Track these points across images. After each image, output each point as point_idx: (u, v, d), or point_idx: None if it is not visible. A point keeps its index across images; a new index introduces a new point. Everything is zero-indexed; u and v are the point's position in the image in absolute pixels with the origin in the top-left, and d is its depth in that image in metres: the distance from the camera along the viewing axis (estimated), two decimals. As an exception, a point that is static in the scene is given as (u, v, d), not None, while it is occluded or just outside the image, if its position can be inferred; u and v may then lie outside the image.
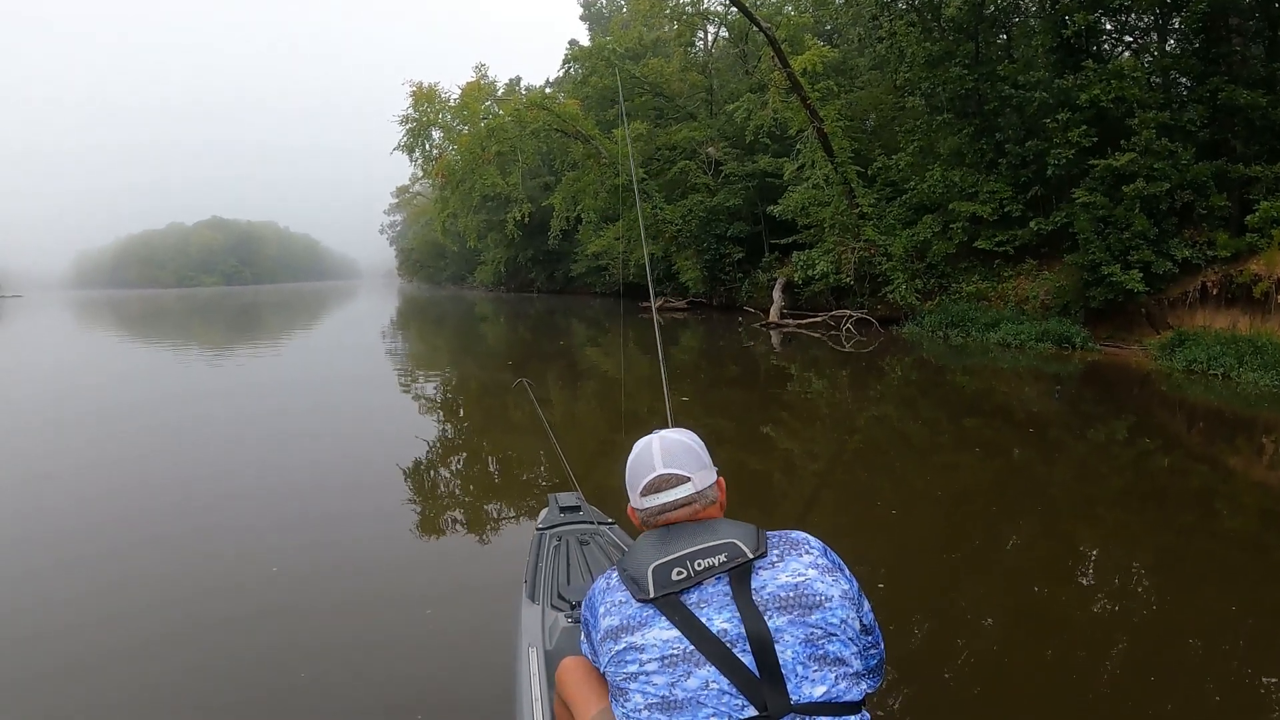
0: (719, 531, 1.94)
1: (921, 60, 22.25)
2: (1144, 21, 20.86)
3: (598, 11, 59.82)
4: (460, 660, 4.39)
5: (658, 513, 2.02)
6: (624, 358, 4.63)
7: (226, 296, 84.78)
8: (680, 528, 1.98)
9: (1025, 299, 19.93)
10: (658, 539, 1.97)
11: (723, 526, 1.97)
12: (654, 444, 2.08)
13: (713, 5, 34.01)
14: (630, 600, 1.90)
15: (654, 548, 1.95)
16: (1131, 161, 16.61)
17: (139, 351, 24.28)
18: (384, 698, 3.93)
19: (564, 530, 3.94)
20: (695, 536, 1.94)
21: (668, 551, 1.92)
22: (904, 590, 5.16)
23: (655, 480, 2.02)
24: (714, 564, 1.88)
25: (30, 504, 7.51)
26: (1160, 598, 5.19)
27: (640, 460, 2.08)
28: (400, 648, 4.45)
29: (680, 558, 1.89)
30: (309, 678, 4.18)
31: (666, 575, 1.88)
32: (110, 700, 4.03)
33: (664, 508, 2.01)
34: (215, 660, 4.37)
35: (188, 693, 4.06)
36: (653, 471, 2.03)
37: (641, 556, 1.94)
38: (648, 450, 2.08)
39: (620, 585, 1.95)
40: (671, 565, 1.89)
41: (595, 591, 2.03)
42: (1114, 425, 10.83)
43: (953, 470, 8.63)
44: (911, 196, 23.34)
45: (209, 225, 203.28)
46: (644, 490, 2.03)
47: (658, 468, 2.03)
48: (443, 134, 32.52)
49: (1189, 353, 14.42)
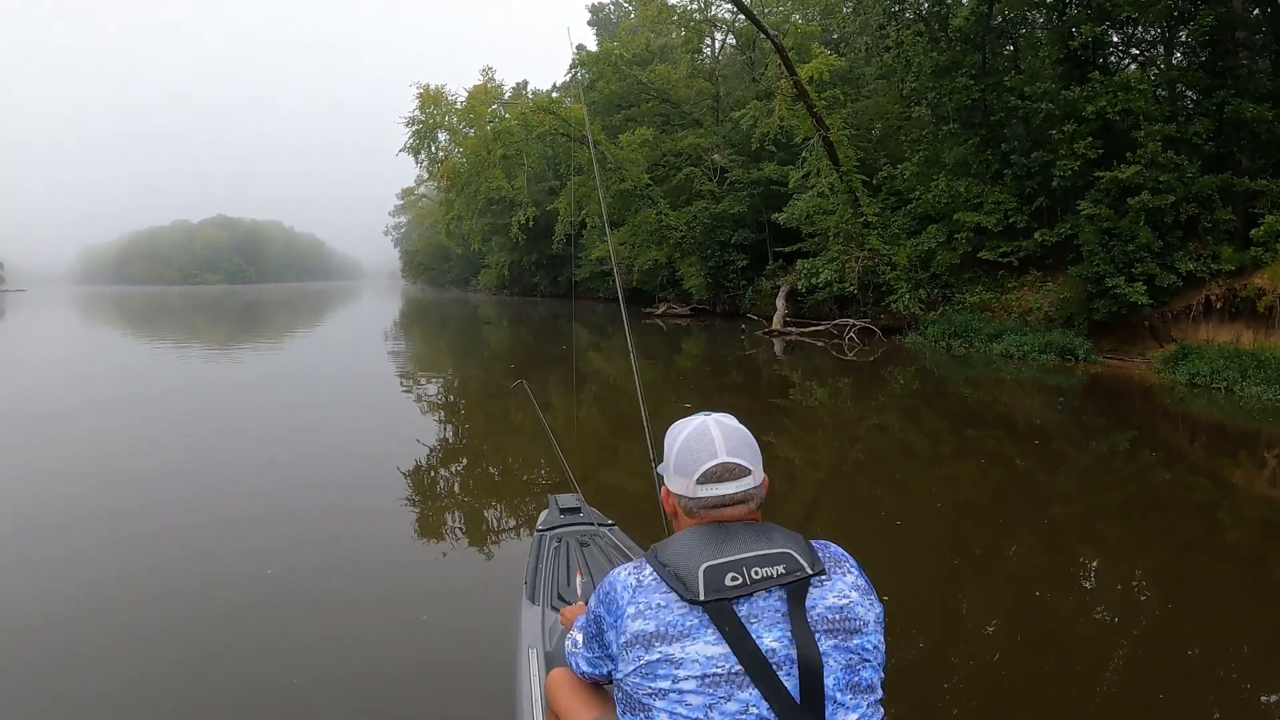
0: (774, 539, 1.76)
1: (928, 70, 22.28)
2: (1151, 34, 20.88)
3: (605, 17, 59.93)
4: (460, 661, 4.38)
5: (712, 505, 1.80)
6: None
7: (230, 294, 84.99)
8: (732, 528, 1.77)
9: (1029, 310, 19.91)
10: (707, 536, 1.75)
11: (776, 534, 1.78)
12: (711, 427, 1.86)
13: (720, 12, 34.05)
14: (671, 604, 1.68)
15: (704, 545, 1.73)
16: (1137, 174, 16.59)
17: (141, 347, 24.26)
18: (384, 698, 3.92)
19: (564, 532, 3.94)
20: (752, 541, 1.74)
21: (722, 552, 1.70)
22: (904, 600, 5.14)
23: (717, 469, 1.80)
24: (772, 575, 1.69)
25: (26, 497, 7.51)
26: (1161, 611, 5.17)
27: (698, 442, 1.84)
28: (400, 648, 4.44)
29: (735, 562, 1.69)
30: (308, 677, 4.17)
31: (719, 579, 1.67)
32: (105, 690, 4.02)
33: (721, 500, 1.80)
34: (211, 658, 4.36)
35: (182, 689, 4.05)
36: (714, 458, 1.81)
37: (689, 553, 1.72)
38: (705, 433, 1.85)
39: (657, 584, 1.72)
40: (725, 569, 1.68)
41: (617, 586, 1.78)
42: (1116, 438, 10.82)
43: (954, 481, 8.61)
44: (916, 206, 23.36)
45: (214, 223, 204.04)
46: (702, 477, 1.80)
47: (720, 455, 1.81)
48: (449, 136, 32.63)
49: (1192, 366, 14.41)
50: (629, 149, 32.47)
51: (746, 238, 31.64)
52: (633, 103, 37.48)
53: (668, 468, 1.88)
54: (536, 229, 39.06)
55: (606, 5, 60.60)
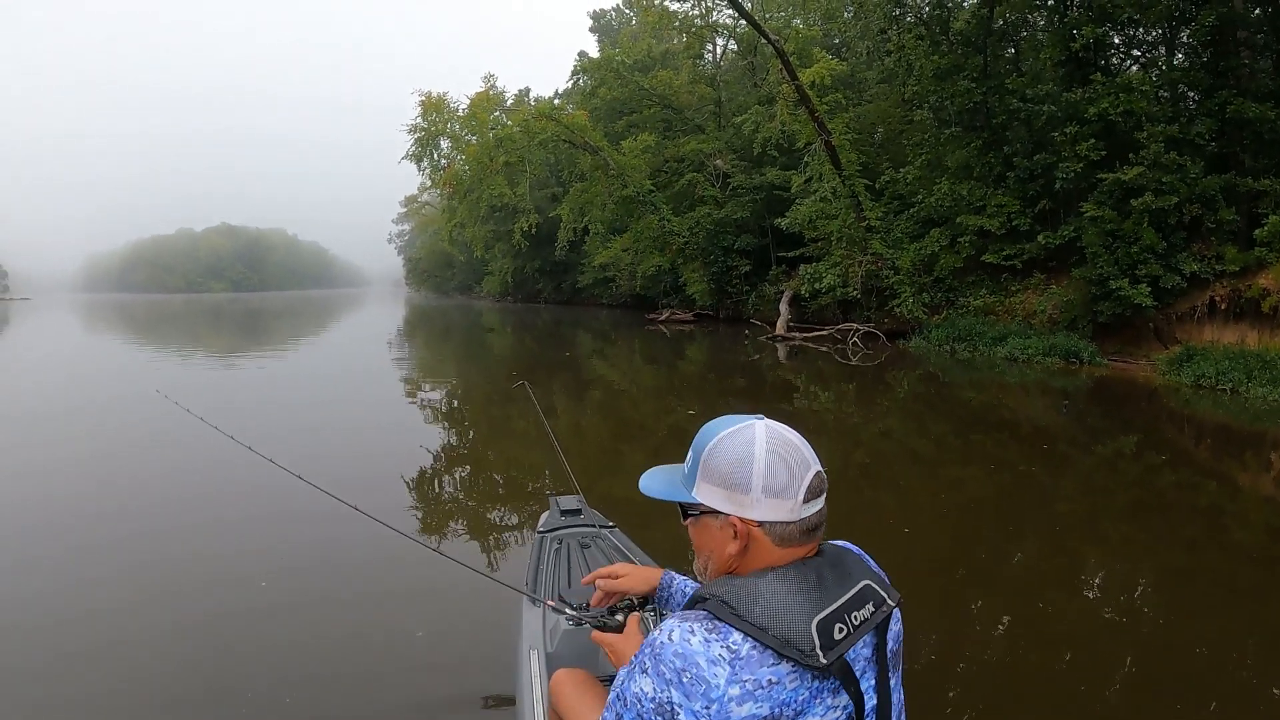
0: (849, 569, 1.51)
1: (930, 73, 22.29)
2: (1152, 35, 20.89)
3: (607, 24, 60.13)
4: (461, 662, 4.36)
5: (809, 529, 1.51)
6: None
7: (234, 302, 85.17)
8: (817, 564, 1.49)
9: (1033, 313, 19.88)
10: (799, 582, 1.43)
11: (845, 559, 1.54)
12: (785, 432, 1.53)
13: (721, 18, 34.08)
14: (784, 678, 1.36)
15: (801, 594, 1.41)
16: (1140, 175, 16.59)
17: (144, 353, 24.26)
18: (384, 698, 3.91)
19: (565, 533, 3.92)
20: (838, 579, 1.47)
21: (825, 600, 1.42)
22: (911, 602, 5.10)
23: (815, 481, 1.50)
24: (867, 617, 1.45)
25: (28, 496, 7.49)
26: (1167, 613, 5.14)
27: (790, 452, 1.50)
28: (400, 649, 4.43)
29: (838, 610, 1.42)
30: (307, 677, 4.17)
31: (830, 634, 1.38)
32: (106, 689, 4.00)
33: (821, 518, 1.52)
34: (211, 656, 4.36)
35: (177, 689, 4.04)
36: (808, 469, 1.50)
37: (789, 606, 1.39)
38: (787, 443, 1.51)
39: (762, 654, 1.36)
40: (832, 621, 1.40)
41: (700, 660, 1.36)
42: (1121, 441, 10.78)
43: (960, 485, 8.58)
44: (919, 210, 23.37)
45: (218, 231, 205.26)
46: (809, 494, 1.49)
47: (813, 464, 1.51)
48: (451, 144, 32.69)
49: (1197, 367, 14.38)
50: (631, 155, 32.52)
51: (749, 243, 31.67)
52: (635, 109, 37.55)
53: (742, 493, 1.49)
54: (539, 236, 39.19)
55: (608, 12, 60.81)
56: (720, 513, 1.51)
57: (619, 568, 2.20)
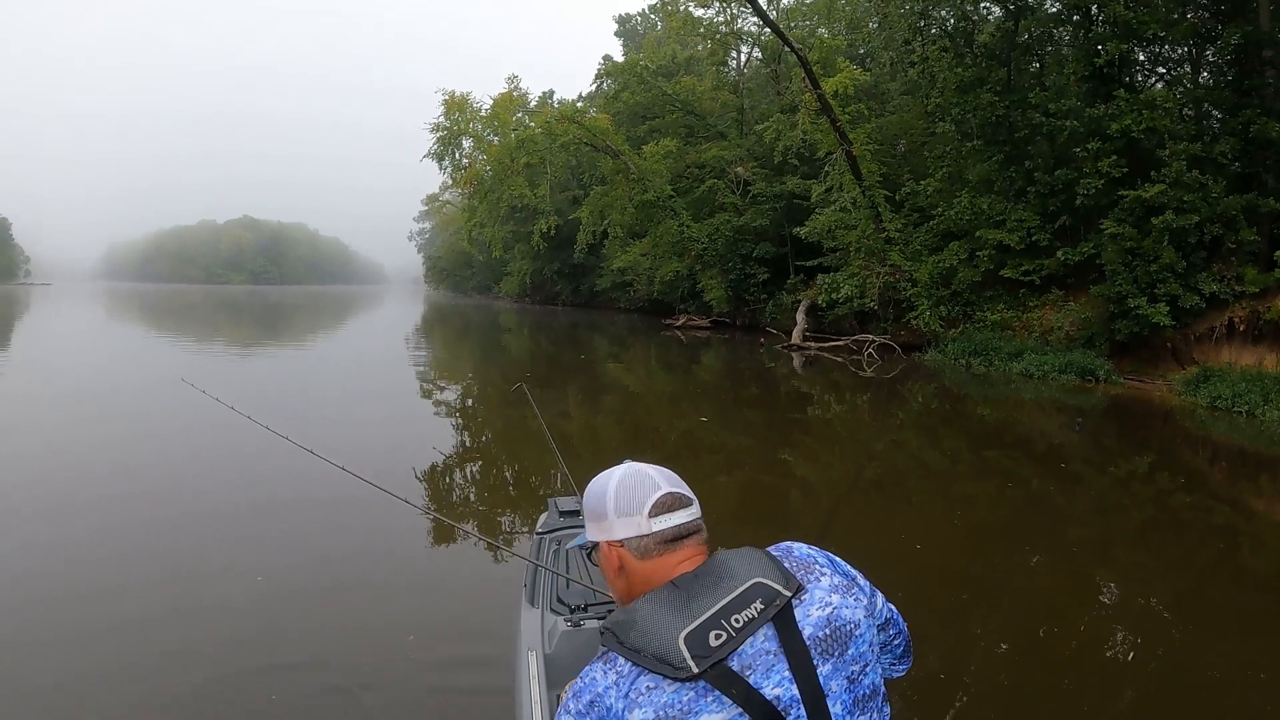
0: (733, 570, 1.53)
1: (953, 85, 22.24)
2: (1177, 53, 20.78)
3: (632, 28, 60.22)
4: (460, 663, 4.38)
5: (670, 539, 1.59)
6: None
7: (253, 295, 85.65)
8: (689, 580, 1.53)
9: (1050, 330, 19.78)
10: (666, 602, 1.50)
11: (732, 561, 1.55)
12: (642, 466, 1.68)
13: (746, 25, 34.14)
14: (662, 684, 1.43)
15: (669, 612, 1.48)
16: (1161, 193, 16.49)
17: (162, 343, 24.44)
18: (383, 699, 3.95)
19: (563, 534, 3.93)
20: (714, 586, 1.51)
21: (691, 613, 1.46)
22: (918, 619, 5.10)
23: (666, 498, 1.61)
24: (753, 615, 1.47)
25: (36, 481, 7.57)
26: (1177, 637, 5.13)
27: (634, 480, 1.65)
28: (399, 649, 4.46)
29: (712, 618, 1.45)
30: (306, 676, 4.21)
31: (703, 643, 1.43)
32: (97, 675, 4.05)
33: (678, 532, 1.59)
34: (210, 651, 4.40)
35: (177, 681, 4.08)
36: (658, 490, 1.62)
37: (657, 627, 1.46)
38: (639, 471, 1.67)
39: (636, 672, 1.46)
40: (705, 630, 1.44)
41: (599, 689, 1.49)
42: (1135, 461, 10.74)
43: (971, 501, 8.57)
44: (939, 222, 23.28)
45: (240, 224, 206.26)
46: (654, 509, 1.60)
47: (664, 486, 1.62)
48: (473, 143, 32.77)
49: (1213, 389, 14.29)
50: (652, 160, 32.52)
51: (768, 251, 31.60)
52: (657, 114, 37.58)
53: (602, 520, 1.66)
54: (558, 238, 39.26)
55: (634, 17, 60.92)
56: (598, 543, 1.68)
57: None
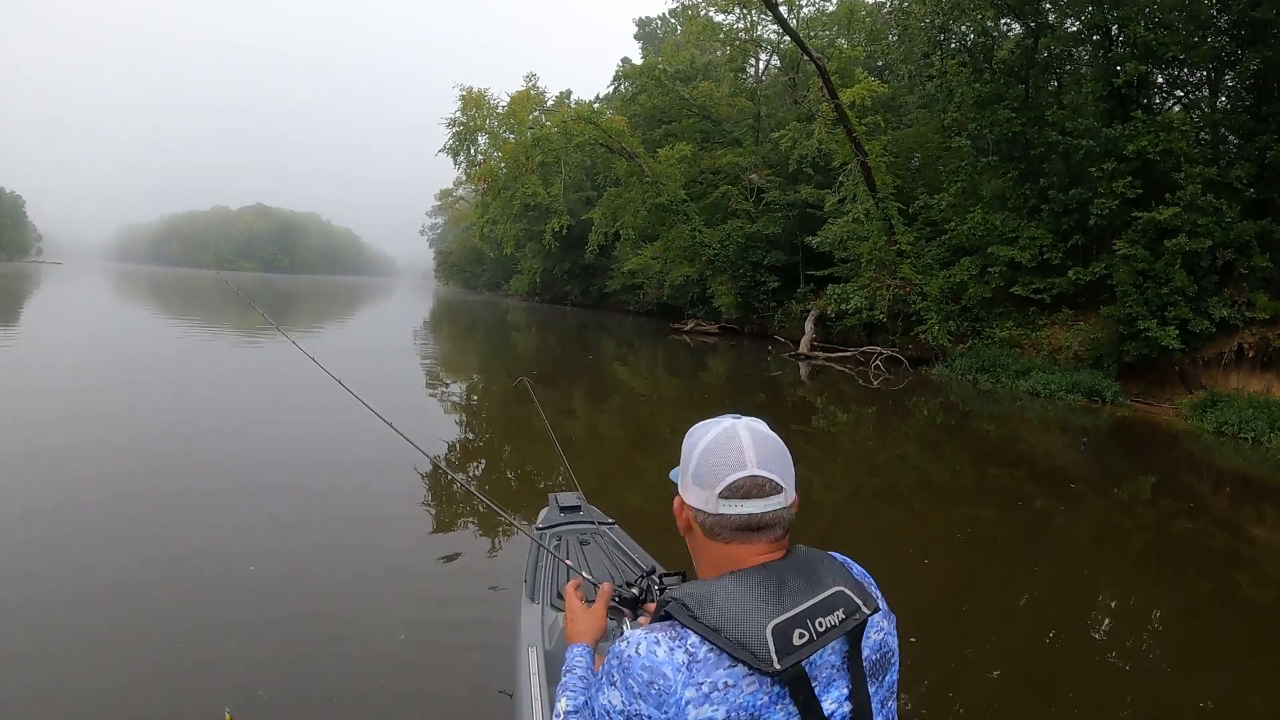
0: (820, 575, 1.45)
1: (970, 101, 22.20)
2: (1196, 76, 20.71)
3: (652, 32, 60.26)
4: (460, 660, 4.39)
5: (736, 527, 1.47)
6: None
7: (263, 283, 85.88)
8: (780, 568, 1.44)
9: (1058, 349, 19.74)
10: (758, 584, 1.40)
11: (819, 566, 1.48)
12: (742, 433, 1.52)
13: (766, 33, 34.15)
14: (740, 680, 1.34)
15: (758, 597, 1.39)
16: (1175, 216, 16.47)
17: (171, 328, 24.47)
18: (383, 696, 3.95)
19: (564, 530, 3.93)
20: (805, 584, 1.43)
21: (782, 605, 1.38)
22: (920, 637, 5.10)
23: (744, 482, 1.47)
24: (834, 624, 1.39)
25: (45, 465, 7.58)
26: (1174, 664, 5.11)
27: (724, 449, 1.50)
28: (399, 647, 4.46)
29: (799, 615, 1.37)
30: (306, 675, 4.19)
31: (788, 639, 1.34)
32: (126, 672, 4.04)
33: (746, 522, 1.47)
34: (209, 648, 4.38)
35: (178, 679, 4.06)
36: (741, 470, 1.47)
37: (744, 609, 1.37)
38: (734, 439, 1.51)
39: (718, 657, 1.35)
40: (792, 625, 1.36)
41: (662, 668, 1.36)
42: (1139, 483, 10.72)
43: (973, 519, 8.54)
44: (951, 237, 23.26)
45: (253, 211, 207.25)
46: (726, 491, 1.47)
47: (749, 466, 1.47)
48: (489, 140, 32.82)
49: (1220, 414, 14.25)
50: (667, 164, 32.57)
51: (779, 259, 31.62)
52: (674, 118, 37.59)
53: (684, 474, 1.55)
54: (570, 238, 39.30)
55: (654, 20, 60.94)
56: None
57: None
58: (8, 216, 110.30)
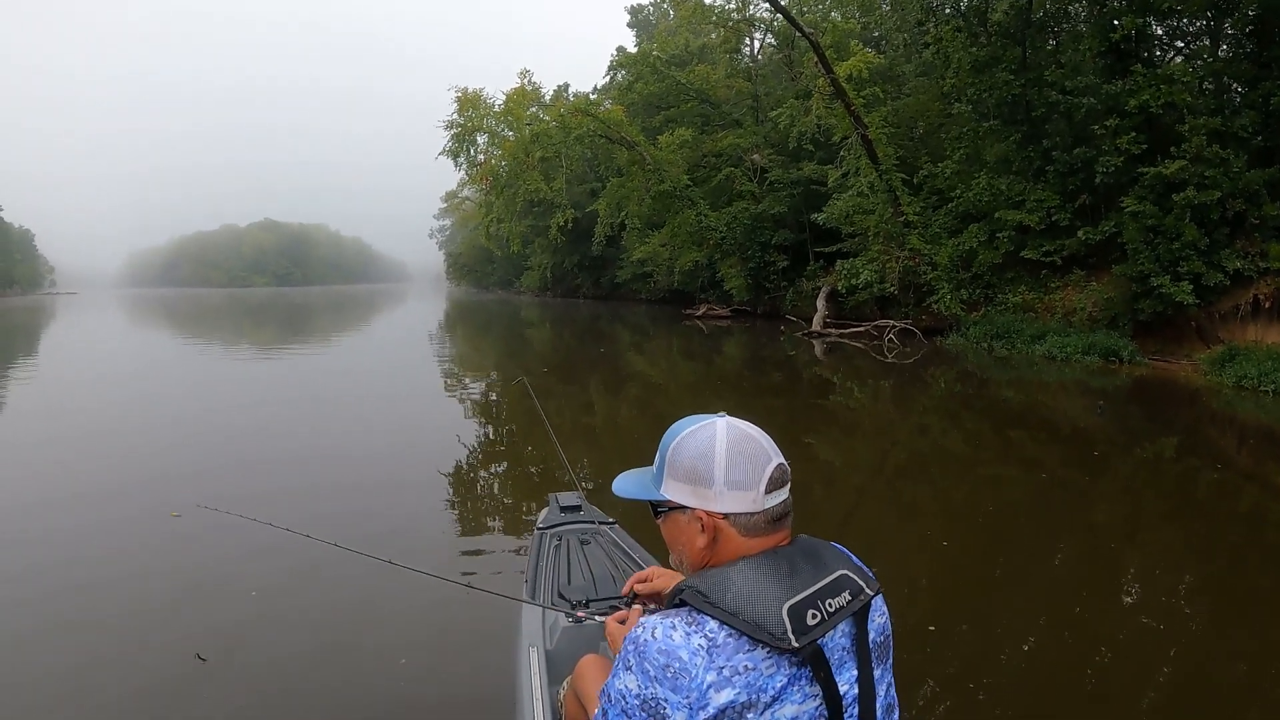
0: (824, 559, 1.51)
1: (968, 66, 22.00)
2: (1195, 26, 20.47)
3: (645, 19, 60.07)
4: (460, 659, 4.40)
5: (775, 518, 1.52)
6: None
7: (278, 297, 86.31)
8: (789, 553, 1.50)
9: (1072, 311, 19.59)
10: (770, 568, 1.45)
11: (821, 551, 1.54)
12: (741, 426, 1.57)
13: (759, 12, 33.96)
14: (759, 663, 1.38)
15: (772, 580, 1.43)
16: (1181, 169, 16.30)
17: (187, 346, 24.60)
18: (384, 697, 3.97)
19: (564, 530, 3.93)
20: (811, 567, 1.47)
21: (793, 586, 1.42)
22: (943, 607, 5.10)
23: (778, 472, 1.53)
24: (843, 604, 1.45)
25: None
26: (1206, 624, 5.09)
27: (745, 446, 1.53)
28: (399, 647, 4.48)
29: (811, 596, 1.42)
30: (306, 675, 4.24)
31: (802, 619, 1.39)
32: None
33: (784, 509, 1.53)
34: (209, 644, 4.44)
35: (179, 679, 4.12)
36: (770, 460, 1.52)
37: (760, 591, 1.41)
38: (743, 434, 1.55)
39: (737, 640, 1.38)
40: (805, 606, 1.41)
41: (681, 653, 1.39)
42: (1161, 442, 10.66)
43: (995, 485, 8.53)
44: (957, 205, 23.07)
45: (261, 227, 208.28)
46: (770, 484, 1.51)
47: (774, 455, 1.54)
48: (487, 139, 32.79)
49: (1239, 368, 14.12)
50: (668, 150, 32.49)
51: (787, 238, 31.51)
52: (672, 104, 37.43)
53: (705, 486, 1.53)
54: (577, 231, 39.35)
55: (646, 7, 60.74)
56: (687, 508, 1.56)
57: (652, 571, 2.24)
58: (19, 251, 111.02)
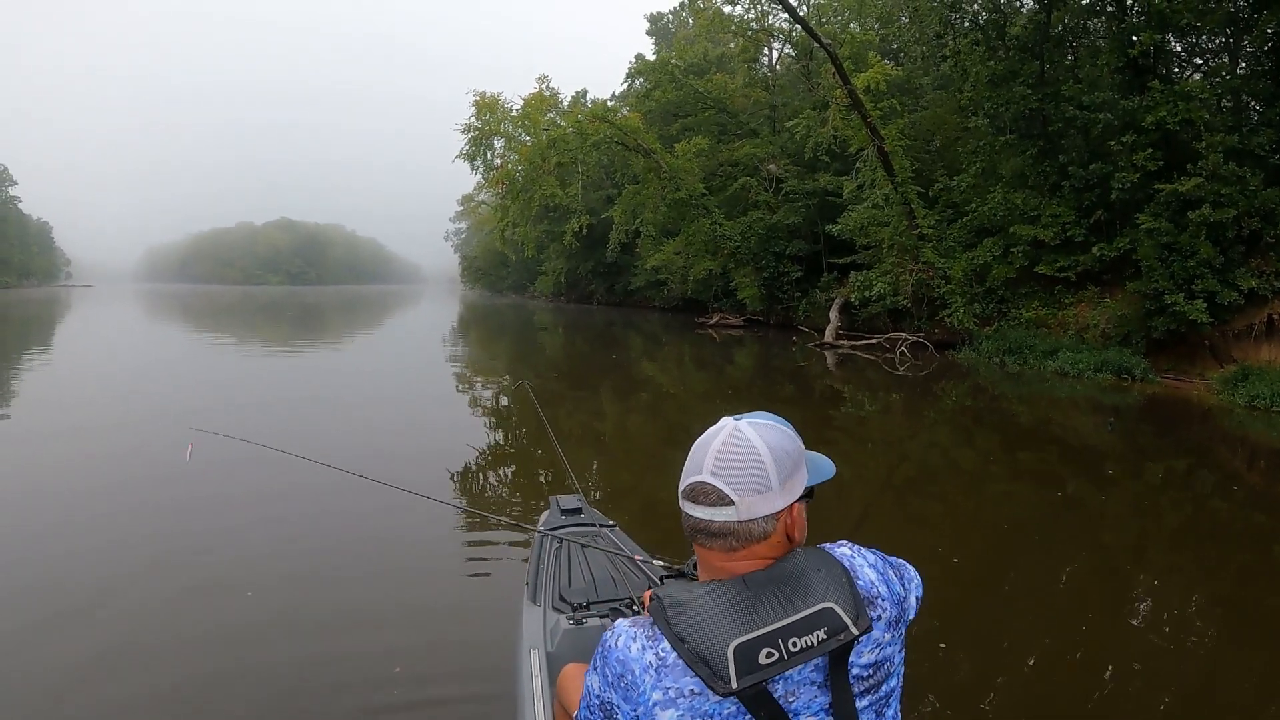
0: (809, 586, 1.42)
1: (985, 79, 21.99)
2: (1213, 43, 20.43)
3: (664, 27, 60.17)
4: (461, 662, 4.42)
5: (690, 529, 1.50)
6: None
7: (291, 296, 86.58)
8: (761, 581, 1.43)
9: (1085, 327, 19.52)
10: (731, 600, 1.39)
11: (809, 573, 1.44)
12: (720, 437, 1.50)
13: (777, 22, 33.94)
14: (705, 692, 1.36)
15: (729, 614, 1.38)
16: (1198, 186, 16.24)
17: (202, 340, 24.71)
18: (384, 698, 4.00)
19: (565, 532, 3.93)
20: (787, 599, 1.39)
21: (752, 623, 1.36)
22: (950, 623, 5.10)
23: (694, 487, 1.49)
24: (812, 644, 1.37)
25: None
26: (1216, 642, 5.07)
27: (699, 448, 1.52)
28: (400, 648, 4.50)
29: (770, 634, 1.35)
30: (306, 675, 4.27)
31: (752, 658, 1.34)
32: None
33: (695, 525, 1.49)
34: (209, 643, 4.49)
35: (174, 678, 4.15)
36: (697, 474, 1.49)
37: (712, 625, 1.36)
38: (709, 441, 1.51)
39: (680, 665, 1.38)
40: (759, 644, 1.35)
41: (633, 667, 1.42)
42: (1172, 461, 10.63)
43: (1005, 501, 8.53)
44: (972, 219, 23.04)
45: (277, 226, 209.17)
46: (685, 491, 1.51)
47: (703, 472, 1.48)
48: (504, 143, 32.87)
49: (1252, 388, 14.06)
50: (684, 158, 32.48)
51: (801, 249, 31.50)
52: (689, 112, 37.53)
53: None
54: (592, 237, 39.36)
55: (665, 15, 60.88)
56: None
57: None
58: (36, 244, 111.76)
